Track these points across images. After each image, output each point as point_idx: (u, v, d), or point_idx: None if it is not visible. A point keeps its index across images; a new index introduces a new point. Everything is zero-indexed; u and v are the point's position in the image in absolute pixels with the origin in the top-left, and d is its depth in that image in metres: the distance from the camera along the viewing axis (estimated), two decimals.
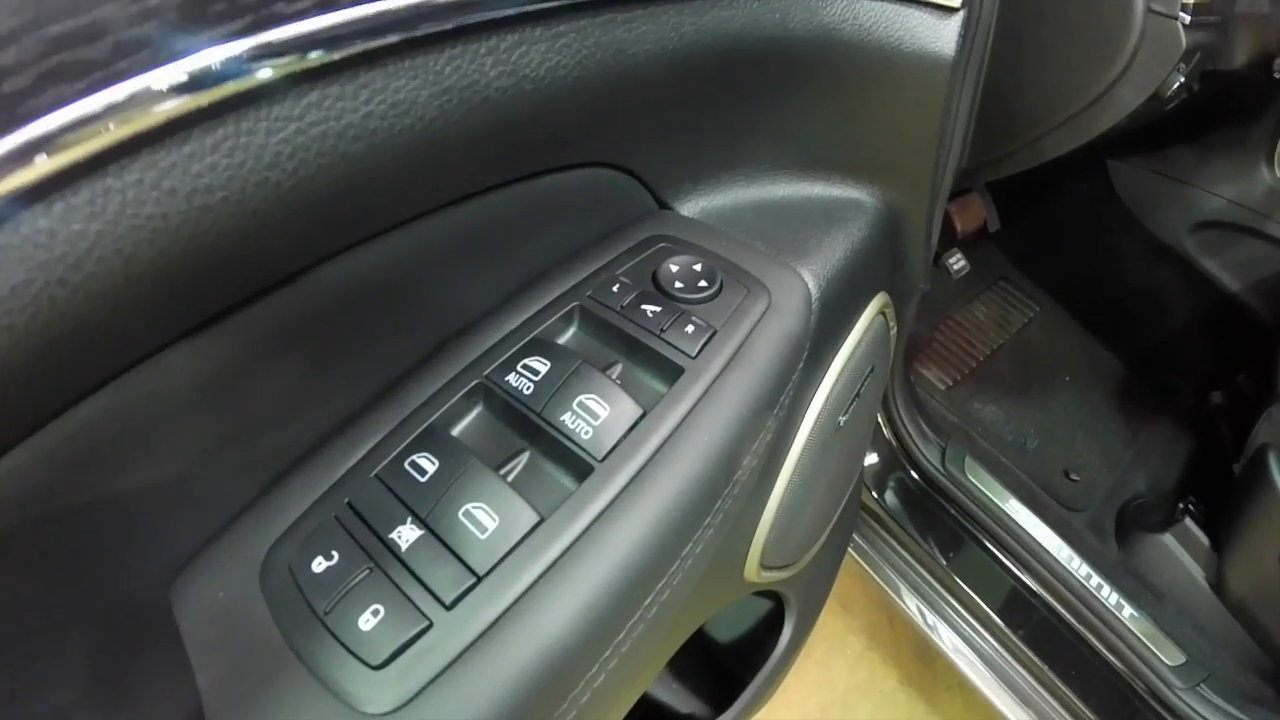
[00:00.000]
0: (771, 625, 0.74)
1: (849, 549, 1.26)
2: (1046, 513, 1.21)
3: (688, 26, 0.39)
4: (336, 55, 0.27)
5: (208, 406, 0.33)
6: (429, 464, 0.36)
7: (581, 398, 0.38)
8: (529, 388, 0.38)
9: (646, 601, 0.39)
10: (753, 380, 0.41)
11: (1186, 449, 1.50)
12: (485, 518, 0.34)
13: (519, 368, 0.39)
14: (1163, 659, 1.08)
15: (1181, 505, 1.27)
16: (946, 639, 1.24)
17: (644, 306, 0.42)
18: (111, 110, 0.24)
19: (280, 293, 0.32)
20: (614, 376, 0.40)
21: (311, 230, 0.31)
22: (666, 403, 0.38)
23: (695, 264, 0.44)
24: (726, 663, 0.77)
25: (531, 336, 0.41)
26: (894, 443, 1.28)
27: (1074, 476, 1.41)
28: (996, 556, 1.22)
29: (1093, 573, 1.15)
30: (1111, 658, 1.12)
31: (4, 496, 0.27)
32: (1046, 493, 1.33)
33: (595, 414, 0.37)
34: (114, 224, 0.25)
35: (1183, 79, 1.05)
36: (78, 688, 0.34)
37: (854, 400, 0.56)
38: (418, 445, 0.37)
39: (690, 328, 0.41)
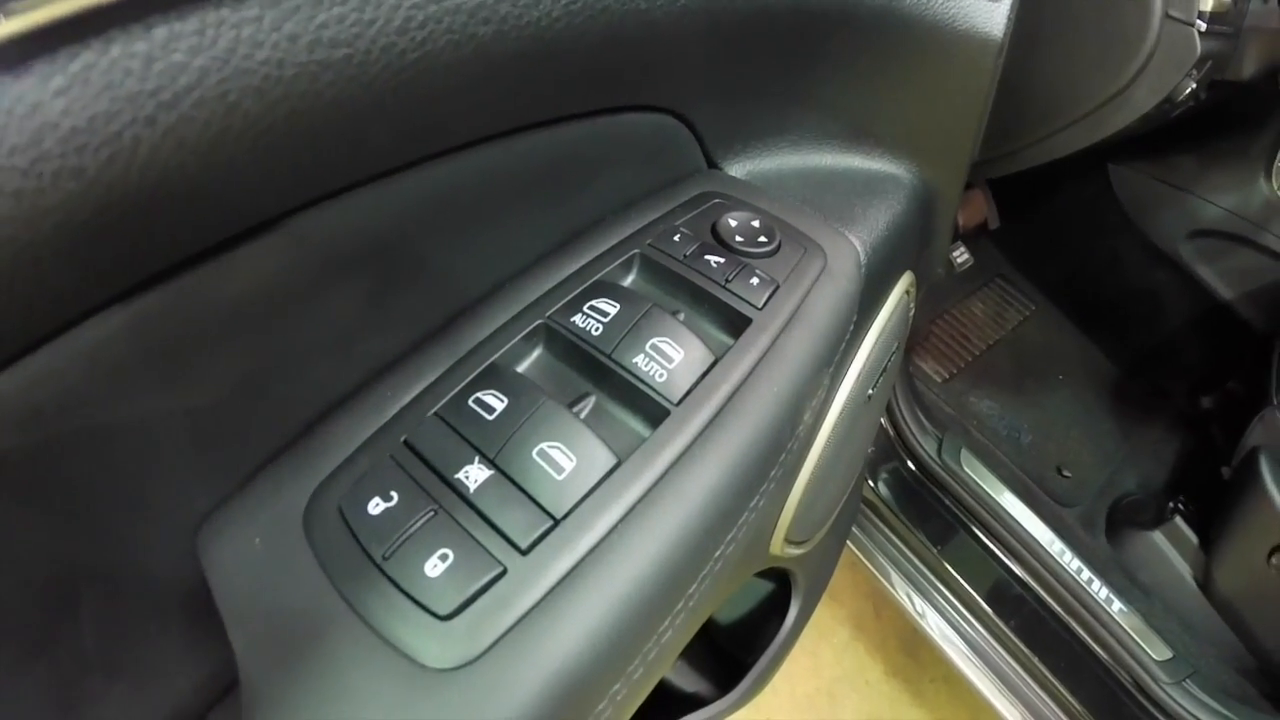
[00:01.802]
0: (771, 607, 0.75)
1: None
2: (1039, 507, 1.23)
3: None
4: None
5: (256, 324, 0.30)
6: (496, 401, 0.33)
7: (654, 340, 0.36)
8: (598, 329, 0.37)
9: (716, 554, 0.37)
10: (814, 337, 0.40)
11: (1177, 450, 1.53)
12: (562, 458, 0.32)
13: (585, 309, 0.37)
14: (1150, 653, 1.10)
15: (1172, 504, 1.29)
16: (935, 626, 1.25)
17: (706, 257, 0.41)
18: None
19: (358, 196, 0.29)
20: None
21: (410, 125, 0.28)
22: (736, 352, 0.37)
23: (753, 220, 0.43)
24: (726, 643, 0.77)
25: (596, 279, 0.39)
26: (891, 432, 1.29)
27: (1066, 473, 1.43)
28: (989, 548, 1.23)
29: (1083, 567, 1.17)
30: (1099, 650, 1.14)
31: (13, 407, 0.23)
32: (1039, 487, 1.34)
33: (669, 357, 0.36)
34: (222, 62, 0.22)
35: (1194, 85, 1.06)
36: (86, 647, 0.31)
37: (881, 374, 0.56)
38: (482, 382, 0.35)
39: (755, 280, 0.40)
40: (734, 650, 0.76)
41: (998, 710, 1.20)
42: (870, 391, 0.55)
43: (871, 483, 1.27)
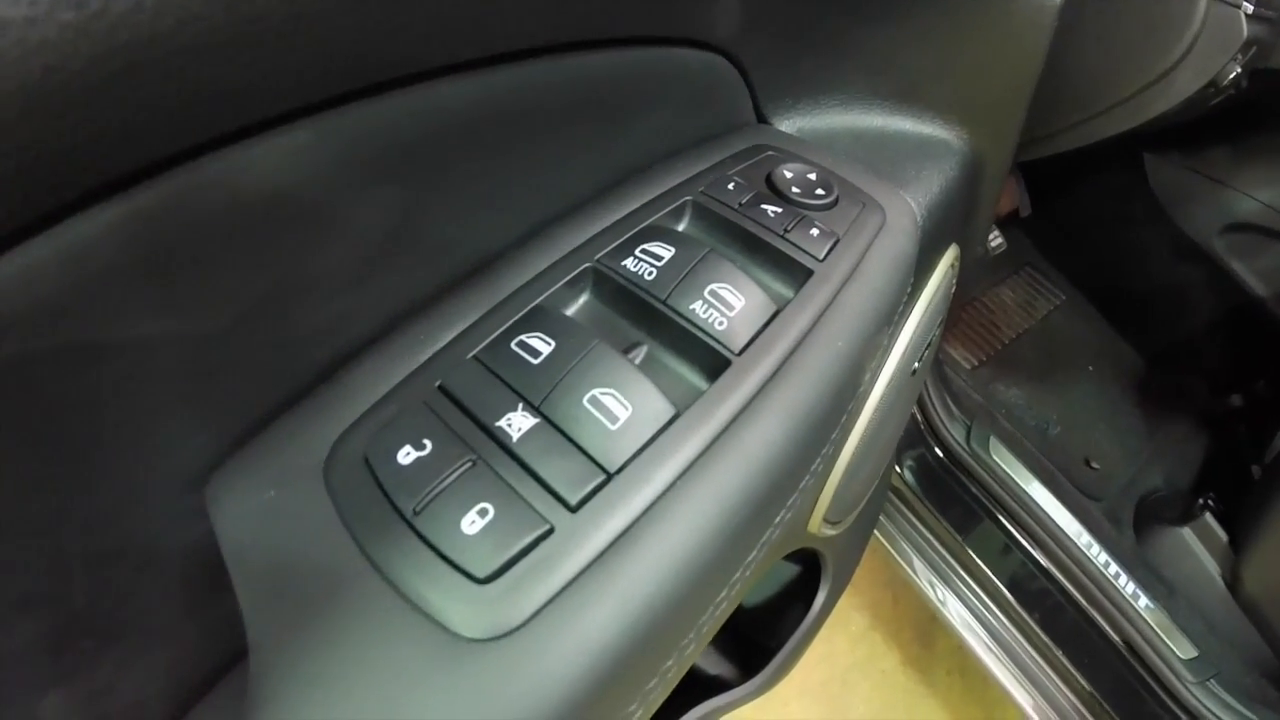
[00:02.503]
0: (796, 592, 0.73)
1: None
2: (1067, 498, 1.21)
3: None
4: None
5: (271, 235, 0.26)
6: (543, 344, 0.31)
7: (713, 285, 0.33)
8: (651, 273, 0.34)
9: (776, 519, 0.35)
10: (875, 294, 0.38)
11: (1203, 448, 1.51)
12: (616, 406, 0.29)
13: (637, 252, 0.35)
14: (1175, 651, 1.09)
15: (1201, 501, 1.27)
16: (956, 614, 1.24)
17: (763, 206, 0.38)
18: None
19: (390, 100, 0.26)
20: None
21: (450, 16, 0.25)
22: (798, 303, 0.35)
23: (810, 172, 0.41)
24: (749, 627, 0.76)
25: (648, 223, 0.37)
26: (919, 417, 1.27)
27: (1094, 465, 1.41)
28: (1014, 537, 1.21)
29: (1110, 560, 1.15)
30: (1122, 646, 1.12)
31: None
32: (1067, 479, 1.32)
33: (730, 305, 0.33)
34: None
35: (1239, 69, 1.04)
36: (77, 607, 0.28)
37: (927, 348, 0.54)
38: (526, 325, 0.32)
39: (815, 231, 0.38)
40: (757, 635, 0.75)
41: (1016, 700, 1.18)
42: (915, 366, 0.52)
43: (897, 468, 1.26)
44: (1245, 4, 0.96)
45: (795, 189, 0.40)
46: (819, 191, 0.40)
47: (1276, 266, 1.52)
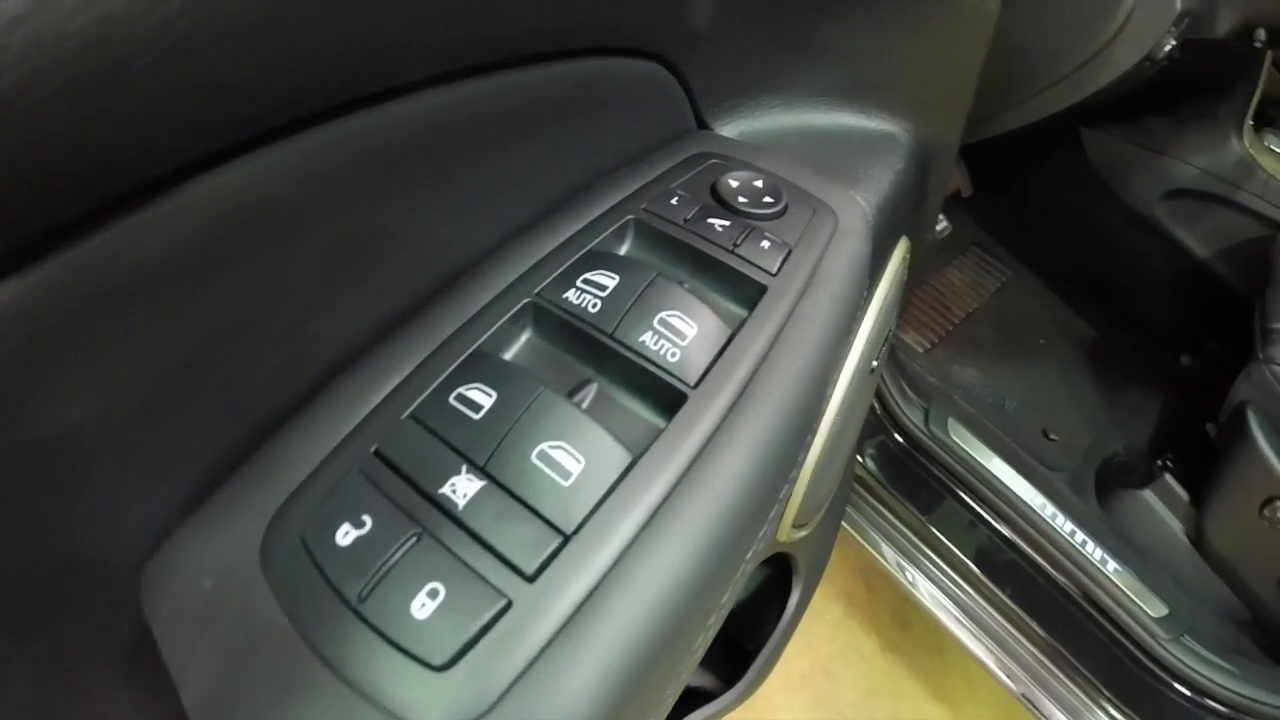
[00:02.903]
0: (769, 594, 0.73)
1: None
2: (1029, 471, 1.23)
3: None
4: None
5: (194, 285, 0.24)
6: (484, 396, 0.28)
7: (663, 314, 0.32)
8: (595, 305, 0.32)
9: (748, 554, 0.33)
10: (833, 303, 0.36)
11: (1159, 410, 1.53)
12: (567, 460, 0.27)
13: (579, 282, 0.33)
14: (1147, 611, 1.10)
15: (1160, 463, 1.30)
16: (928, 594, 1.25)
17: (709, 220, 0.37)
18: None
19: (314, 135, 0.24)
20: None
21: (379, 43, 0.24)
22: (754, 322, 0.33)
23: (756, 179, 0.40)
24: (726, 636, 0.75)
25: (588, 249, 0.35)
26: (876, 406, 1.28)
27: (1053, 436, 1.43)
28: (980, 514, 1.23)
29: (1077, 529, 1.17)
30: (1095, 611, 1.14)
31: None
32: (1027, 453, 1.34)
33: (681, 334, 0.31)
34: None
35: (1173, 42, 1.06)
36: (20, 698, 0.26)
37: (883, 344, 0.53)
38: (464, 374, 0.30)
39: (766, 243, 0.36)
40: (735, 642, 0.74)
41: (995, 673, 1.19)
42: (874, 364, 0.51)
43: (860, 458, 1.26)
44: None
45: (742, 198, 0.38)
46: (767, 200, 0.39)
47: (1217, 229, 1.56)
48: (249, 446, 0.29)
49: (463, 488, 0.26)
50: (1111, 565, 1.14)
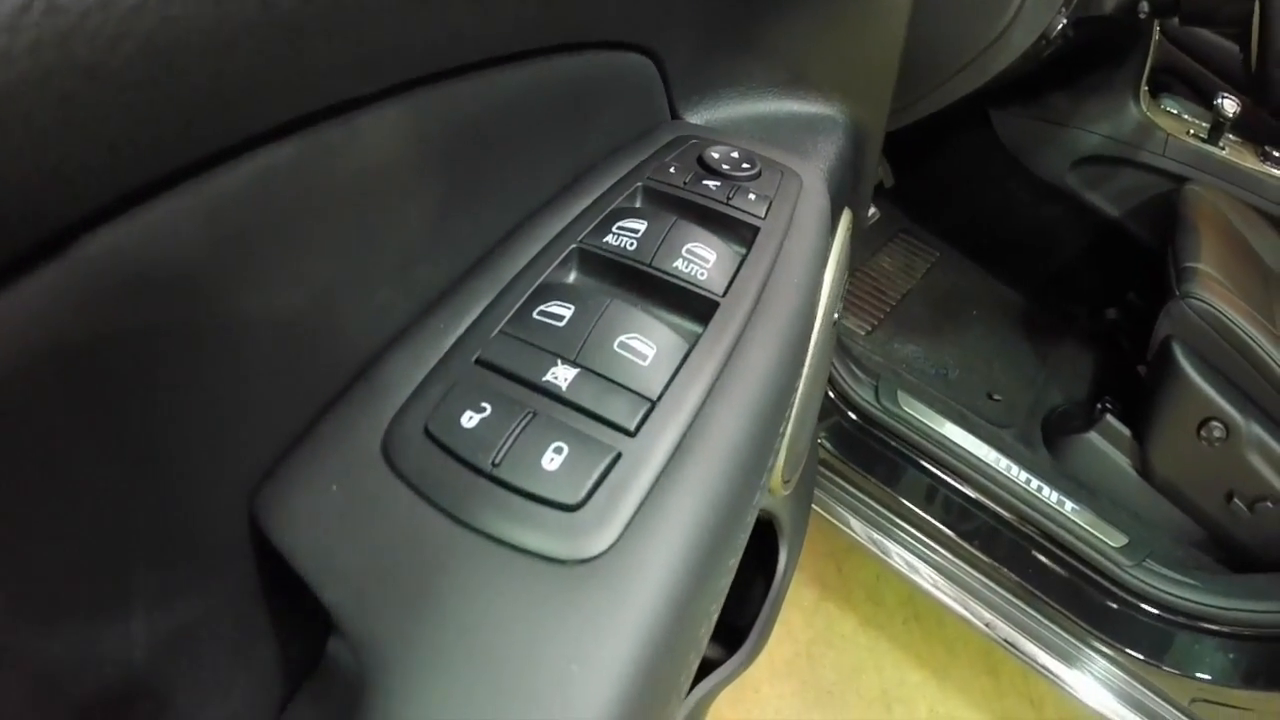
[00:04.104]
0: (756, 564, 0.75)
1: None
2: (980, 431, 1.29)
3: None
4: None
5: (341, 228, 0.27)
6: (562, 309, 0.34)
7: (690, 245, 0.38)
8: (631, 244, 0.38)
9: (781, 430, 0.39)
10: (809, 242, 0.43)
11: (1092, 361, 1.61)
12: (643, 346, 0.33)
13: (614, 229, 0.39)
14: (1108, 542, 1.15)
15: (1100, 405, 1.36)
16: (902, 559, 1.28)
17: (704, 182, 0.43)
18: None
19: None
20: None
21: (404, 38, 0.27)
22: (756, 251, 0.40)
23: (733, 151, 0.46)
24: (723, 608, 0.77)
25: (614, 207, 0.41)
26: (828, 390, 1.32)
27: (996, 397, 1.48)
28: (940, 477, 1.27)
29: (1031, 477, 1.22)
30: (1060, 550, 1.18)
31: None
32: (975, 414, 1.39)
33: (705, 259, 0.38)
34: None
35: (1065, 21, 1.14)
36: (135, 656, 0.26)
37: (840, 300, 0.59)
38: (540, 297, 0.35)
39: (751, 196, 0.43)
40: (730, 615, 0.76)
41: (975, 625, 1.22)
42: (836, 314, 0.58)
43: (819, 441, 1.30)
44: None
45: (725, 165, 0.45)
46: (745, 165, 0.45)
47: (1125, 189, 1.66)
48: (350, 377, 0.32)
49: (562, 375, 0.31)
50: (1069, 505, 1.19)
